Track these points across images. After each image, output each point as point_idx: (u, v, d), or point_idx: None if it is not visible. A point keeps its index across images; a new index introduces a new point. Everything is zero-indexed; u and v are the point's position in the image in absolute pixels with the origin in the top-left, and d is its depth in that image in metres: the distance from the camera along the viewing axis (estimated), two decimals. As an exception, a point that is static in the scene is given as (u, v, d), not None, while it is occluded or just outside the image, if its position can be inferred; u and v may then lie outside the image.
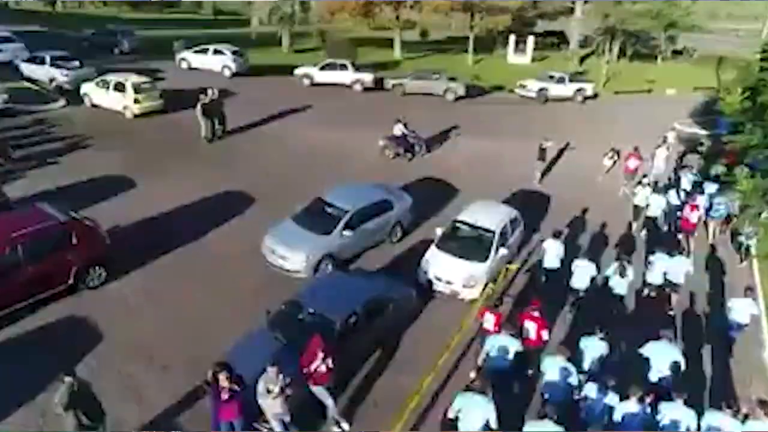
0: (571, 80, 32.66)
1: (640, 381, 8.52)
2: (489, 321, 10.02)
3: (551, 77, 32.25)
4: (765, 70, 18.24)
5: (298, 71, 31.50)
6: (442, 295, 12.28)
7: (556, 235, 12.81)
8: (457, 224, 13.12)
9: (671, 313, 12.36)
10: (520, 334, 9.57)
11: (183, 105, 23.10)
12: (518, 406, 9.40)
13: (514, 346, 9.13)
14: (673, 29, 43.55)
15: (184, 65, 32.36)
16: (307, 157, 20.58)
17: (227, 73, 31.44)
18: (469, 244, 12.61)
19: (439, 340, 10.84)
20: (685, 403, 7.89)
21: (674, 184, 18.52)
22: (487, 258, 12.22)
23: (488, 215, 13.22)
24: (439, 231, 13.15)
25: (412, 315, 11.58)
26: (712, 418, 7.84)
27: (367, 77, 30.71)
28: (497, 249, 12.45)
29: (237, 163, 19.59)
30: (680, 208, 15.82)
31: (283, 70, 33.00)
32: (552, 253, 12.44)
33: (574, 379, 8.50)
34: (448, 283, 12.06)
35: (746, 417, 8.06)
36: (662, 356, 9.05)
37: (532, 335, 9.69)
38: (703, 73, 43.33)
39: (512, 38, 43.13)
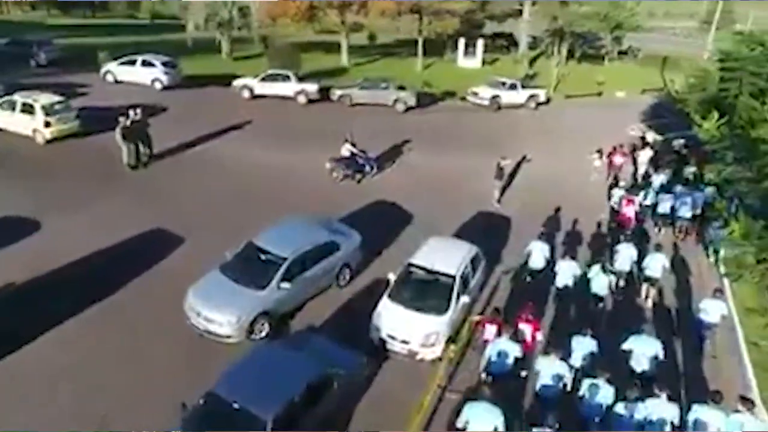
0: (523, 86, 31.82)
1: (627, 375, 9.43)
2: (490, 332, 10.17)
3: (503, 84, 31.31)
4: (725, 80, 17.70)
5: (236, 83, 29.22)
6: (399, 355, 10.66)
7: (540, 236, 13.68)
8: (412, 269, 11.50)
9: (649, 305, 13.09)
10: (515, 337, 9.77)
11: (105, 126, 20.31)
12: (516, 406, 9.47)
13: (514, 350, 9.35)
14: (619, 30, 43.68)
15: (109, 78, 29.49)
16: (245, 183, 18.55)
17: (158, 86, 28.79)
18: (426, 293, 11.02)
19: (397, 419, 9.19)
20: (669, 398, 8.30)
21: (645, 185, 18.72)
22: (447, 309, 10.68)
23: (446, 256, 11.69)
24: (391, 276, 11.52)
25: (365, 383, 9.91)
26: (698, 412, 8.19)
27: (312, 88, 28.78)
28: (458, 297, 10.93)
29: (164, 194, 17.36)
30: (651, 208, 16.95)
31: (222, 81, 30.63)
32: (537, 254, 12.88)
33: (568, 377, 8.92)
34: (404, 342, 10.45)
35: (734, 411, 8.25)
36: (644, 349, 9.66)
37: (528, 337, 10.06)
38: (648, 74, 43.80)
39: (461, 42, 42.18)
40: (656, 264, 12.78)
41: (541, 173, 21.00)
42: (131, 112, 18.92)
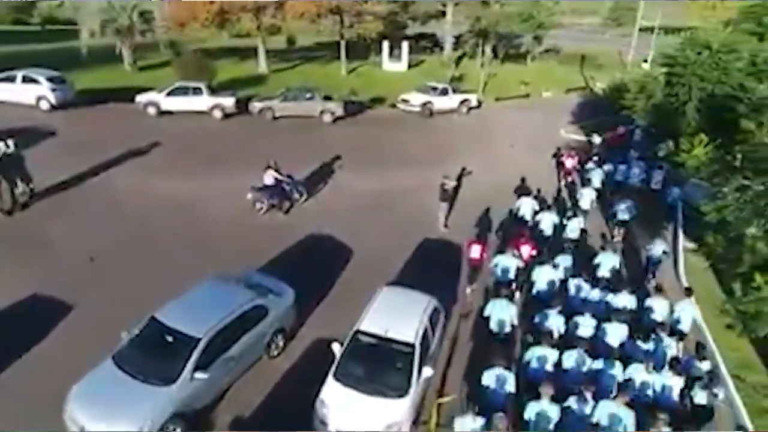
0: (454, 91, 30.58)
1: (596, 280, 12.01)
2: (476, 251, 12.85)
3: (434, 89, 29.91)
4: (673, 85, 16.90)
5: (140, 98, 25.77)
6: (352, 453, 8.55)
7: (527, 194, 16.40)
8: (360, 337, 9.39)
9: (618, 243, 15.80)
10: (517, 254, 12.51)
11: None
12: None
13: (516, 263, 12.08)
14: (541, 30, 43.70)
15: (-17, 99, 25.13)
16: (149, 225, 15.61)
17: (45, 106, 24.79)
18: (380, 369, 8.96)
19: None
20: (630, 292, 11.24)
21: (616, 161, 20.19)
22: (408, 389, 8.68)
23: (401, 316, 9.67)
24: (336, 348, 9.38)
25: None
26: (648, 301, 11.22)
27: (228, 101, 25.90)
28: (420, 370, 8.97)
29: (47, 246, 14.08)
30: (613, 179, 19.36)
31: (124, 96, 26.98)
32: (527, 207, 15.48)
33: (559, 277, 11.87)
34: (359, 438, 8.35)
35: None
36: (608, 261, 12.76)
37: (526, 255, 12.85)
38: (568, 72, 44.38)
39: (386, 44, 40.50)
40: (625, 209, 15.95)
41: (485, 186, 19.55)
42: (1, 144, 15.51)
